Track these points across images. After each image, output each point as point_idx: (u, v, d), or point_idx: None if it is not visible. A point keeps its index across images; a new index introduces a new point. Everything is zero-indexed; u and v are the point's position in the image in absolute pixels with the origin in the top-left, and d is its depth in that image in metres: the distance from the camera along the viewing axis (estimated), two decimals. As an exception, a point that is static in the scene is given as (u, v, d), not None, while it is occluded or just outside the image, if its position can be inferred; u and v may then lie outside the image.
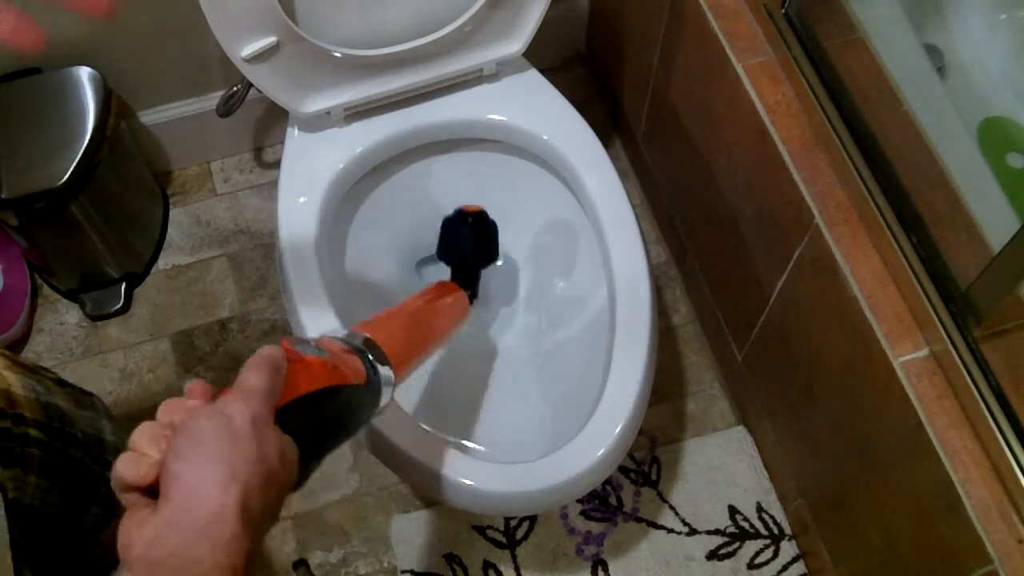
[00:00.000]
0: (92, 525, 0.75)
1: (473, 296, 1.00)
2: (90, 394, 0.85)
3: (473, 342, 1.19)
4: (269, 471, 0.48)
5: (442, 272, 1.04)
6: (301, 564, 1.26)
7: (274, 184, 1.19)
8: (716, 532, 1.27)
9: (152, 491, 0.47)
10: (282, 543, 1.28)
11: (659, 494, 1.29)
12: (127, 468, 0.47)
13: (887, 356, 0.86)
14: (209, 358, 1.40)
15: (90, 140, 1.24)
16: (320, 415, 0.56)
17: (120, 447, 0.81)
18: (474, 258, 1.01)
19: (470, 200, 1.03)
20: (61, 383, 0.79)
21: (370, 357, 0.64)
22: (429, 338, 0.84)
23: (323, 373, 0.57)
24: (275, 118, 1.51)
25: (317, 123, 1.11)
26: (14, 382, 0.70)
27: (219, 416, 0.48)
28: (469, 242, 1.00)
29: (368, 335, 0.66)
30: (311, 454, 0.54)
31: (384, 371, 0.64)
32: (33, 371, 0.75)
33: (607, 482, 1.29)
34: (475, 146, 1.18)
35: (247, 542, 0.46)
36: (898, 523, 0.94)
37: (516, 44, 1.11)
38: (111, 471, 0.48)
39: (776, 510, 1.28)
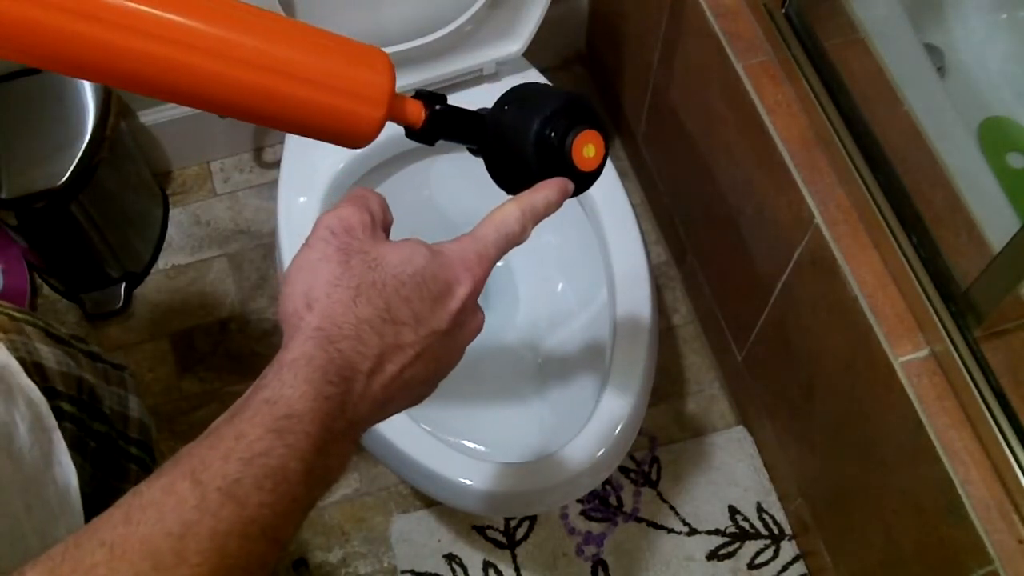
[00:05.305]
0: None
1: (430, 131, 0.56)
2: (122, 368, 0.84)
3: (473, 342, 1.19)
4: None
5: None
6: (301, 564, 1.26)
7: (274, 184, 1.19)
8: (716, 532, 1.27)
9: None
10: (282, 543, 1.27)
11: (659, 494, 1.29)
12: None
13: (887, 356, 0.86)
14: (209, 358, 1.40)
15: (90, 140, 1.24)
16: None
17: (145, 424, 0.81)
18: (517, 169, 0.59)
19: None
20: (92, 356, 0.79)
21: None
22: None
23: None
24: (275, 118, 1.51)
25: (317, 123, 1.11)
26: (47, 355, 0.69)
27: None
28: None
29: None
30: None
31: None
32: (66, 343, 0.74)
33: (607, 482, 1.29)
34: (475, 146, 1.18)
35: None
36: (898, 523, 0.94)
37: (516, 44, 1.11)
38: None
39: (776, 510, 1.28)
